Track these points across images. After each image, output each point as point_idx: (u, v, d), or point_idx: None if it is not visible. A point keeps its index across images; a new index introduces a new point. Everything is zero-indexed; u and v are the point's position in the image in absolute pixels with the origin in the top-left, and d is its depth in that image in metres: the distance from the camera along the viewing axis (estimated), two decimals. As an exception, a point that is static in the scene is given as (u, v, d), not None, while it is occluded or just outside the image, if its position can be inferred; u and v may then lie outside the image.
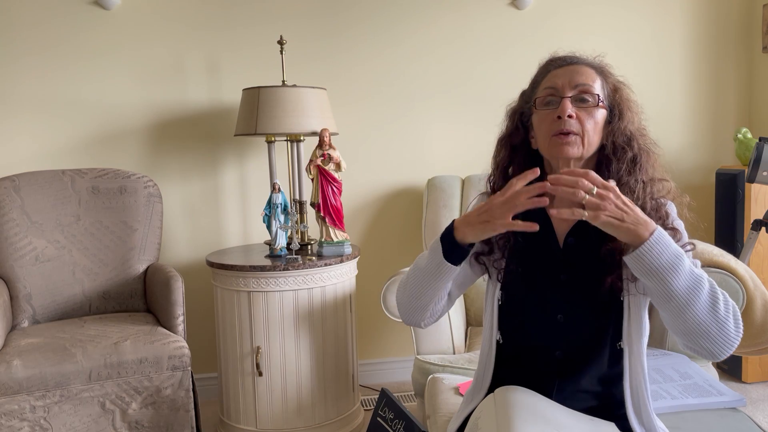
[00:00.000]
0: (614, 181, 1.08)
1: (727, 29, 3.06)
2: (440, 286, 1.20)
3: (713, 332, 1.04)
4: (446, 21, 2.84)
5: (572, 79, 1.17)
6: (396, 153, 2.83)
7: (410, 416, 1.31)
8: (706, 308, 1.04)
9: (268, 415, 2.26)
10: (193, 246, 2.76)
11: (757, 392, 2.63)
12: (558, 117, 1.15)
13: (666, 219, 1.16)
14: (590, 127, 1.16)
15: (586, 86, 1.16)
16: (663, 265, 1.02)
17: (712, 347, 1.05)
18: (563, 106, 1.15)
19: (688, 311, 1.04)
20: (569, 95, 1.16)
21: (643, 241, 1.02)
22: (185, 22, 2.66)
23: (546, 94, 1.19)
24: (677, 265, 1.02)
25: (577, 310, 1.20)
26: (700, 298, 1.04)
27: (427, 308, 1.24)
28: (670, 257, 1.02)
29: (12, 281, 2.28)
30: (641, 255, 1.02)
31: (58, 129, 2.61)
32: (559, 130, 1.15)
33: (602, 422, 1.17)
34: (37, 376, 1.88)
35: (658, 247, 1.02)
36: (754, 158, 2.13)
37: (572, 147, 1.15)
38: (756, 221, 2.28)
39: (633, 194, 1.15)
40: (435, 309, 1.26)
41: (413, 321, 1.28)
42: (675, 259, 1.03)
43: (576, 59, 1.21)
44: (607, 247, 1.15)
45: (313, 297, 2.25)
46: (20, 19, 2.54)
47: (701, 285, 1.04)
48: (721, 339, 1.05)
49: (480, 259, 1.27)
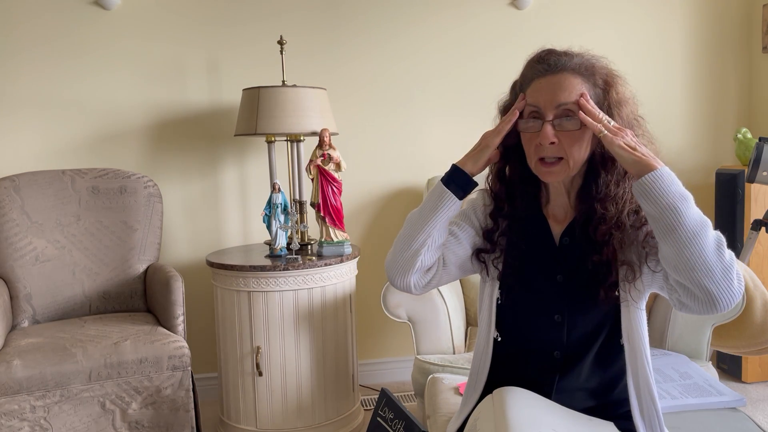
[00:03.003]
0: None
1: (727, 29, 3.06)
2: (436, 224, 1.17)
3: (717, 273, 1.01)
4: (447, 21, 2.84)
5: (555, 96, 1.11)
6: (396, 153, 2.83)
7: (410, 416, 1.31)
8: (713, 247, 1.02)
9: (268, 415, 2.26)
10: (193, 246, 2.76)
11: (757, 392, 2.63)
12: (540, 143, 1.12)
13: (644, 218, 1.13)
14: (575, 150, 1.12)
15: (569, 105, 1.11)
16: (673, 193, 1.03)
17: (714, 289, 1.00)
18: (544, 133, 1.11)
19: (694, 244, 1.01)
20: (550, 118, 1.11)
21: (654, 169, 1.04)
22: (185, 22, 2.66)
23: (529, 111, 1.15)
24: (686, 197, 1.03)
25: (574, 310, 1.20)
26: (707, 235, 1.02)
27: (417, 255, 1.18)
28: (679, 189, 1.04)
29: (12, 281, 2.28)
30: (652, 180, 1.03)
31: (58, 129, 2.61)
32: (541, 156, 1.14)
33: (601, 422, 1.17)
34: (37, 376, 1.88)
35: (668, 177, 1.04)
36: (754, 158, 2.13)
37: (557, 175, 1.14)
38: (756, 221, 2.28)
39: (620, 205, 1.13)
40: (425, 260, 1.19)
41: (402, 277, 1.20)
42: (684, 192, 1.04)
43: (560, 64, 1.13)
44: (595, 258, 1.15)
45: (313, 297, 2.25)
46: (20, 19, 2.55)
47: (708, 225, 1.03)
48: (725, 284, 1.01)
49: (481, 256, 1.27)
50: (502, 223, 1.25)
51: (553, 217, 1.25)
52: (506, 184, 1.25)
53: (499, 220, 1.25)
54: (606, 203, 1.14)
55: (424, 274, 1.22)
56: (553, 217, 1.25)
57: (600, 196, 1.15)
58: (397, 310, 2.03)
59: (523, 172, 1.23)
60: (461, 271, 1.28)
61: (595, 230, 1.15)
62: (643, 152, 1.06)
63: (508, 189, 1.25)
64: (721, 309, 1.02)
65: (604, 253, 1.14)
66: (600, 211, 1.14)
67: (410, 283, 1.21)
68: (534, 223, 1.25)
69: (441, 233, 1.20)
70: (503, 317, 1.26)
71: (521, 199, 1.24)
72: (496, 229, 1.26)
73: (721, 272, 1.01)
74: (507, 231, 1.25)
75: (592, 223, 1.16)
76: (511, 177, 1.25)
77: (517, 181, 1.24)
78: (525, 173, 1.23)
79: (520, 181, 1.24)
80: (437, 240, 1.20)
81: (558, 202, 1.23)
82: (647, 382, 1.19)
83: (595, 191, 1.16)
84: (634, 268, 1.14)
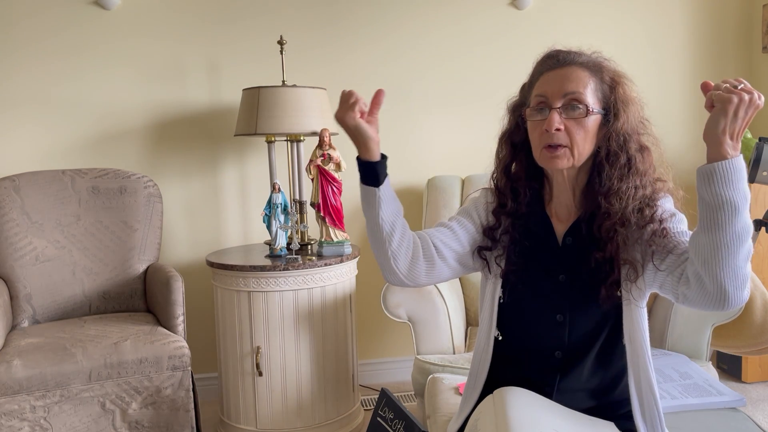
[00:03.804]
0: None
1: (727, 29, 3.05)
2: (381, 215, 1.14)
3: (740, 279, 1.01)
4: (447, 21, 2.84)
5: (562, 86, 1.14)
6: (396, 153, 2.83)
7: (410, 416, 1.31)
8: (745, 254, 1.01)
9: (268, 415, 2.26)
10: (193, 246, 2.76)
11: (757, 392, 2.63)
12: (546, 130, 1.13)
13: (652, 215, 1.13)
14: (580, 138, 1.13)
15: (576, 94, 1.13)
16: (741, 189, 0.98)
17: (731, 291, 1.01)
18: (550, 119, 1.12)
19: (734, 246, 0.99)
20: (558, 105, 1.13)
21: (729, 157, 0.97)
22: (185, 22, 2.66)
23: (536, 102, 1.17)
24: (747, 198, 0.99)
25: (576, 309, 1.20)
26: (747, 242, 1.01)
27: (387, 248, 1.17)
28: (745, 187, 0.99)
29: (12, 281, 2.28)
30: (727, 169, 0.97)
31: (58, 129, 2.61)
32: (547, 143, 1.14)
33: (601, 422, 1.17)
34: (37, 376, 1.88)
35: (741, 170, 0.99)
36: (754, 158, 2.13)
37: (561, 160, 1.14)
38: (756, 221, 2.28)
39: (624, 200, 1.13)
40: (396, 250, 1.17)
41: (389, 273, 1.20)
42: (747, 191, 0.99)
43: (569, 59, 1.16)
44: (598, 255, 1.15)
45: (313, 297, 2.25)
46: (20, 19, 2.54)
47: (750, 232, 1.01)
48: (740, 290, 1.02)
49: (482, 253, 1.26)
50: (504, 220, 1.25)
51: (557, 215, 1.25)
52: (512, 180, 1.26)
53: (502, 218, 1.26)
54: (610, 198, 1.14)
55: (411, 264, 1.20)
56: (556, 215, 1.25)
57: (604, 190, 1.15)
58: (397, 310, 2.03)
59: (528, 168, 1.24)
60: (461, 266, 1.27)
61: (599, 227, 1.15)
62: (742, 131, 0.98)
63: (512, 184, 1.25)
64: (727, 309, 1.03)
65: (608, 250, 1.14)
66: (604, 206, 1.14)
67: (401, 276, 1.20)
68: (537, 222, 1.25)
69: (392, 222, 1.17)
70: (505, 316, 1.26)
71: (524, 194, 1.24)
72: (498, 226, 1.26)
73: (742, 279, 1.02)
74: (510, 228, 1.25)
75: (596, 220, 1.16)
76: (517, 172, 1.26)
77: (523, 176, 1.25)
78: (531, 169, 1.24)
79: (525, 176, 1.24)
80: (395, 228, 1.17)
81: (562, 199, 1.23)
82: (649, 382, 1.19)
83: (599, 185, 1.16)
84: (636, 267, 1.14)
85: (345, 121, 1.11)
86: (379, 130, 1.16)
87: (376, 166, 1.14)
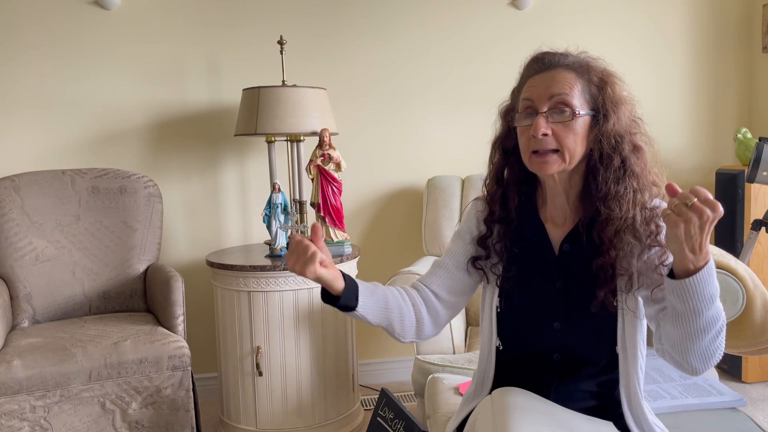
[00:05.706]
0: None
1: (727, 29, 3.06)
2: (369, 321, 1.18)
3: (707, 357, 1.06)
4: (446, 21, 2.84)
5: (548, 90, 1.11)
6: (396, 153, 2.83)
7: (410, 416, 1.31)
8: (713, 336, 1.04)
9: (268, 415, 2.26)
10: (193, 246, 2.76)
11: (757, 392, 2.63)
12: (533, 135, 1.11)
13: (658, 233, 1.12)
14: (570, 142, 1.11)
15: (562, 96, 1.10)
16: (706, 297, 0.99)
17: (699, 366, 1.07)
18: (537, 124, 1.10)
19: (700, 337, 1.03)
20: (544, 110, 1.11)
21: (697, 270, 0.97)
22: (185, 22, 2.66)
23: (524, 106, 1.15)
24: (714, 298, 1.00)
25: (573, 318, 1.19)
26: (714, 329, 1.03)
27: (392, 333, 1.23)
28: (712, 290, 0.99)
29: (12, 281, 2.28)
30: (693, 284, 0.98)
31: (58, 129, 2.61)
32: (535, 149, 1.13)
33: (600, 421, 1.17)
34: (37, 376, 1.88)
35: (708, 277, 0.98)
36: (754, 158, 2.13)
37: (551, 165, 1.12)
38: (756, 221, 2.28)
39: (623, 205, 1.11)
40: (400, 331, 1.22)
41: (400, 340, 1.26)
42: (714, 292, 1.00)
43: (555, 62, 1.14)
44: (599, 261, 1.13)
45: (314, 297, 2.25)
46: (20, 19, 2.55)
47: (719, 319, 1.03)
48: (709, 364, 1.07)
49: (477, 263, 1.26)
50: (495, 228, 1.25)
51: (552, 221, 1.23)
52: (503, 186, 1.25)
53: (493, 226, 1.25)
54: (609, 202, 1.12)
55: (418, 329, 1.25)
56: (551, 221, 1.23)
57: (601, 195, 1.13)
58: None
59: (519, 173, 1.22)
60: (463, 295, 1.30)
61: (600, 232, 1.13)
62: (697, 244, 0.96)
63: (503, 191, 1.24)
64: (697, 375, 1.09)
65: (608, 258, 1.12)
66: (605, 212, 1.12)
67: (414, 340, 1.27)
68: (530, 228, 1.23)
69: (385, 317, 1.20)
70: (503, 324, 1.25)
71: (513, 200, 1.22)
72: (489, 234, 1.25)
73: (710, 355, 1.06)
74: (503, 236, 1.24)
75: (596, 226, 1.14)
76: (509, 178, 1.25)
77: (514, 182, 1.23)
78: (522, 174, 1.22)
79: (517, 181, 1.23)
80: (391, 320, 1.21)
81: (556, 203, 1.21)
82: (636, 394, 1.19)
83: (596, 190, 1.14)
84: (632, 280, 1.13)
85: (305, 275, 1.05)
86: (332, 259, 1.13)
87: (345, 298, 1.13)
